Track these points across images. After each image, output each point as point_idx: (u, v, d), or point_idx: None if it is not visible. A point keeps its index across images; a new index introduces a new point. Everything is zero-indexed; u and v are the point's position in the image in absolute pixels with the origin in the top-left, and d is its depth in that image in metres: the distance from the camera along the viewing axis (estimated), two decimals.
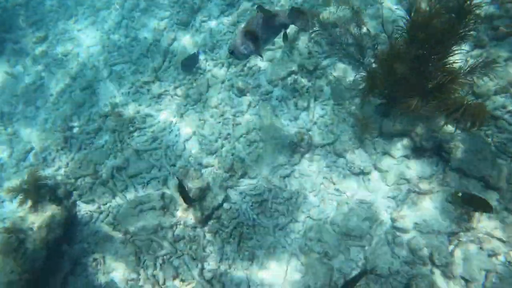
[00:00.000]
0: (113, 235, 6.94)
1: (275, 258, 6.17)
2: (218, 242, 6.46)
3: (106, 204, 7.29)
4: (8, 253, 6.74)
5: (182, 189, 5.93)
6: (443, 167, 6.16)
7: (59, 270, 6.98)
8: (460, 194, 5.21)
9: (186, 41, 8.91)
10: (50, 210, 7.04)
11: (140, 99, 8.28)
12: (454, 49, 5.22)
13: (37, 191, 7.10)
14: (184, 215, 6.59)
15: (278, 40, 7.06)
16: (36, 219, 6.95)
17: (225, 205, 6.68)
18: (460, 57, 5.65)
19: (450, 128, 5.96)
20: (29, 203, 6.99)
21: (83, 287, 6.72)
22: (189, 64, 8.25)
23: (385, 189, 6.43)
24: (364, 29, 6.91)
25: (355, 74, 7.21)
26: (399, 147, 6.52)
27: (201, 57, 8.37)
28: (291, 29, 7.51)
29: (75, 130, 8.36)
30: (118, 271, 6.56)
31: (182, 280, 6.27)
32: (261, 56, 4.35)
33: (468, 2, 4.80)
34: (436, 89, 5.33)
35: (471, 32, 5.12)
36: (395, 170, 6.44)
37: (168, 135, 7.74)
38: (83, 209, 7.35)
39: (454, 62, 5.32)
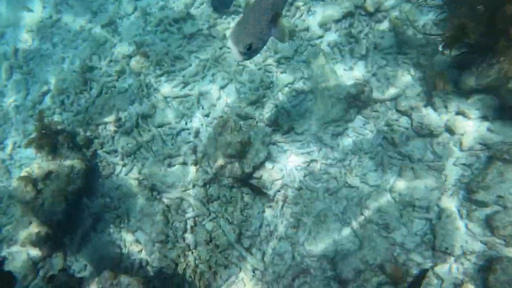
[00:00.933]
0: (138, 191, 6.17)
1: (324, 227, 5.33)
2: (258, 206, 5.64)
3: (130, 156, 6.47)
4: (26, 203, 6.07)
5: None
6: None
7: (79, 225, 6.32)
8: None
9: None
10: (69, 159, 6.27)
11: (169, 39, 7.22)
12: None
13: (53, 137, 6.31)
14: (220, 172, 5.74)
15: None
16: (54, 169, 6.20)
17: (267, 164, 5.80)
18: None
19: None
20: (46, 150, 6.21)
21: (105, 245, 6.06)
22: (224, 1, 7.06)
23: (458, 154, 5.43)
24: None
25: (432, 16, 5.99)
26: (479, 105, 5.42)
27: None
28: None
29: (95, 71, 7.42)
30: (144, 230, 5.85)
31: (216, 246, 5.53)
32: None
33: None
34: None
35: None
36: (471, 132, 5.40)
37: (202, 80, 6.75)
38: (105, 160, 6.56)
39: None
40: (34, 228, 6.06)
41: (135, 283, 4.10)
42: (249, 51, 3.19)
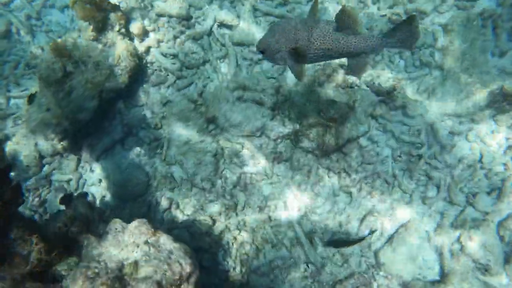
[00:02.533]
0: (190, 116, 4.84)
1: None
2: (334, 185, 4.42)
3: (192, 69, 5.04)
4: (49, 83, 4.73)
5: None
6: None
7: (106, 132, 5.07)
8: None
9: None
10: (116, 44, 4.82)
11: None
12: None
13: (106, 10, 4.79)
14: (304, 131, 4.40)
15: None
16: (94, 53, 4.77)
17: (364, 142, 4.47)
18: None
19: None
20: (93, 22, 4.74)
21: (130, 167, 4.87)
22: None
23: None
24: None
25: None
26: None
27: None
28: None
29: None
30: (184, 167, 4.64)
31: (269, 217, 4.38)
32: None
33: None
34: None
35: None
36: None
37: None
38: (159, 62, 5.12)
39: None
40: (52, 118, 4.78)
41: (180, 253, 2.97)
42: (263, 55, 3.07)
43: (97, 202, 5.04)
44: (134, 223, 3.27)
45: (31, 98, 4.84)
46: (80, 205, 3.41)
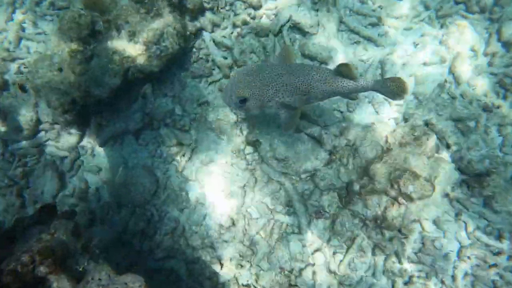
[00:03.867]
0: (231, 131, 3.90)
1: None
2: (376, 263, 3.53)
3: (252, 56, 4.08)
4: (70, 38, 3.78)
5: None
6: None
7: (121, 117, 4.14)
8: None
9: None
10: (163, 16, 3.84)
11: None
12: None
13: None
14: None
15: None
16: (134, 19, 3.79)
17: (429, 226, 3.56)
18: None
19: None
20: None
21: (139, 167, 3.98)
22: None
23: None
24: None
25: None
26: None
27: None
28: None
29: None
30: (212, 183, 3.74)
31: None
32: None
33: None
34: None
35: None
36: None
37: None
38: (208, 50, 4.15)
39: None
40: (61, 83, 3.85)
41: None
42: (241, 105, 2.89)
43: (89, 192, 4.18)
44: (127, 278, 2.40)
45: (24, 87, 3.99)
46: (63, 229, 2.52)
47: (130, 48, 3.74)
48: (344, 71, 2.81)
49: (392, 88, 2.83)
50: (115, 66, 3.74)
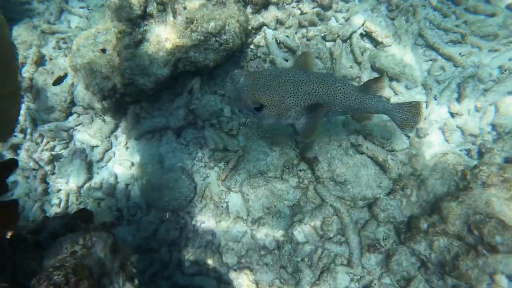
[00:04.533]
0: (284, 141, 3.51)
1: None
2: None
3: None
4: (119, 18, 3.41)
5: None
6: None
7: (163, 109, 3.76)
8: None
9: None
10: (226, 6, 3.43)
11: None
12: None
13: None
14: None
15: None
16: (191, 4, 3.40)
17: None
18: None
19: None
20: None
21: (176, 169, 3.60)
22: None
23: None
24: None
25: None
26: None
27: None
28: None
29: None
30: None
31: None
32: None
33: None
34: None
35: None
36: None
37: None
38: (268, 48, 3.74)
39: None
40: (103, 66, 3.48)
41: None
42: (257, 113, 2.57)
43: (117, 187, 3.83)
44: None
45: (58, 80, 3.63)
46: (102, 245, 2.14)
47: (185, 36, 3.34)
48: (371, 86, 2.67)
49: (407, 115, 2.76)
50: (165, 55, 3.35)
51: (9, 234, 1.86)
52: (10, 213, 1.78)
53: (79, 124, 4.02)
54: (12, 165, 2.14)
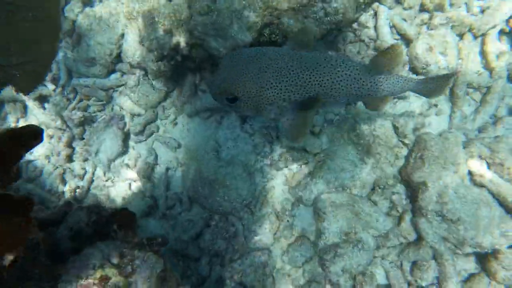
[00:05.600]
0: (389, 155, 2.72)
1: None
2: None
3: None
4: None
5: None
6: None
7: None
8: None
9: None
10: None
11: None
12: None
13: None
14: None
15: None
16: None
17: None
18: None
19: None
20: None
21: (231, 162, 2.86)
22: None
23: None
24: None
25: None
26: None
27: None
28: None
29: None
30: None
31: None
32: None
33: None
34: None
35: None
36: None
37: None
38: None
39: None
40: (168, 11, 2.73)
41: None
42: (231, 104, 2.10)
43: (155, 170, 3.11)
44: None
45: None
46: (147, 271, 1.42)
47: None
48: (383, 63, 2.06)
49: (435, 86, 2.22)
50: (253, 16, 2.57)
51: (9, 259, 1.14)
52: (17, 226, 1.06)
53: (122, 85, 3.30)
54: (36, 135, 1.41)
